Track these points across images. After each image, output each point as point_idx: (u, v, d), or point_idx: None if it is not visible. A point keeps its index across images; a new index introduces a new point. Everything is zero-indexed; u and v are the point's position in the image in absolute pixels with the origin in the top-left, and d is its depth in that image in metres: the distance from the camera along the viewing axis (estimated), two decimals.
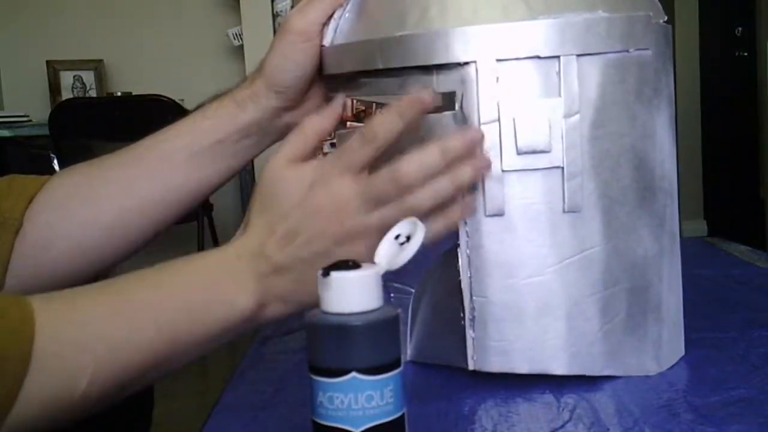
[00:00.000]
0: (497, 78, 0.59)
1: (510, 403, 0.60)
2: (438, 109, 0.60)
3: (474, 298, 0.61)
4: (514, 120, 0.59)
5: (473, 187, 0.59)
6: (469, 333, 0.61)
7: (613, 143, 0.61)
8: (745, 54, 4.20)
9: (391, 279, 0.66)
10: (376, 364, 0.43)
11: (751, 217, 4.11)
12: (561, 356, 0.61)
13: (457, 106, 0.60)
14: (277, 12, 3.24)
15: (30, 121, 3.20)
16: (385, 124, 0.55)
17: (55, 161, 3.03)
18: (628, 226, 0.62)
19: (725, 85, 4.15)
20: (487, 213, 0.60)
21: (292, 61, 0.67)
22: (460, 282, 0.62)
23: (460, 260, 0.61)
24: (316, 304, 0.47)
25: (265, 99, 0.69)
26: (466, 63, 0.59)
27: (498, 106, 0.59)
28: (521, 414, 0.58)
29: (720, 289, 0.88)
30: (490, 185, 0.59)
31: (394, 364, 0.44)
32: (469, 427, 0.56)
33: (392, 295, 0.67)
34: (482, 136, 0.58)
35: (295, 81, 0.68)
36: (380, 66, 0.62)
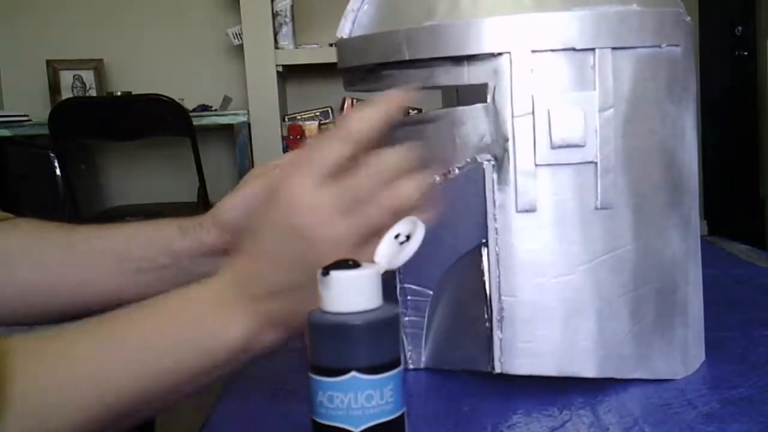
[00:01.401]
0: (532, 70, 0.58)
1: (510, 402, 0.60)
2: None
3: (503, 297, 0.59)
4: (548, 113, 0.57)
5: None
6: (497, 334, 0.60)
7: (645, 140, 0.60)
8: (745, 53, 4.20)
9: (408, 281, 0.65)
10: (376, 364, 0.43)
11: (751, 216, 4.11)
12: (591, 358, 0.60)
13: (489, 98, 0.58)
14: (276, 11, 3.23)
15: (30, 120, 3.20)
16: (360, 120, 0.51)
17: (55, 161, 3.03)
18: (657, 225, 0.61)
19: (725, 85, 4.15)
20: (519, 209, 0.58)
21: (254, 202, 0.63)
22: (484, 282, 0.60)
23: (488, 258, 0.60)
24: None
25: (206, 233, 0.66)
26: (500, 54, 0.58)
27: (532, 98, 0.58)
28: (521, 413, 0.58)
29: (720, 288, 0.87)
30: (522, 180, 0.58)
31: (393, 364, 0.44)
32: (469, 426, 0.56)
33: (409, 297, 0.66)
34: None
35: (242, 223, 0.63)
36: (406, 57, 0.60)
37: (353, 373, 0.42)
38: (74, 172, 3.08)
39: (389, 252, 0.47)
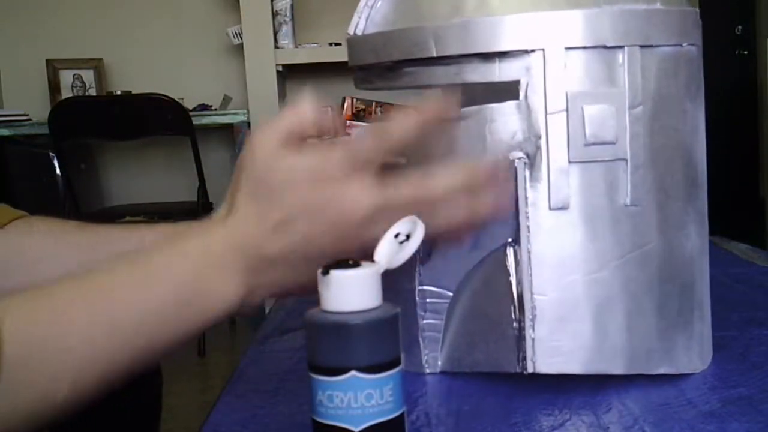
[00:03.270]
0: (565, 66, 0.57)
1: (510, 401, 0.60)
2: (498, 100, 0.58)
3: (534, 296, 0.59)
4: (582, 110, 0.57)
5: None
6: (529, 333, 0.59)
7: (668, 137, 0.60)
8: (745, 52, 4.21)
9: (428, 283, 0.64)
10: (376, 363, 0.43)
11: (751, 215, 4.11)
12: (620, 355, 0.60)
13: (521, 96, 0.58)
14: (276, 11, 3.24)
15: (30, 119, 3.20)
16: (401, 124, 0.52)
17: (55, 160, 3.03)
18: (679, 222, 0.62)
19: (725, 84, 4.15)
20: (552, 206, 0.58)
21: None
22: (510, 282, 0.60)
23: (515, 257, 0.60)
24: (301, 292, 0.52)
25: None
26: (533, 50, 0.57)
27: (566, 95, 0.57)
28: (521, 413, 0.58)
29: (720, 287, 0.87)
30: (555, 177, 0.58)
31: (393, 363, 0.44)
32: (469, 426, 0.56)
33: (428, 300, 0.65)
34: (507, 166, 0.57)
35: None
36: (434, 54, 0.59)
37: (353, 373, 0.42)
38: (74, 171, 3.08)
39: (389, 251, 0.47)
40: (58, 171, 3.03)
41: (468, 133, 0.60)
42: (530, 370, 0.59)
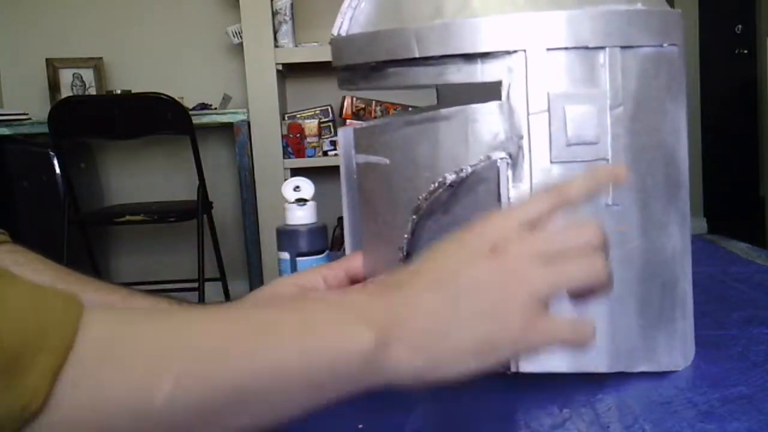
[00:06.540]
0: (546, 67, 0.58)
1: (509, 400, 0.60)
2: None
3: None
4: (564, 110, 0.58)
5: None
6: None
7: (650, 137, 0.61)
8: (745, 51, 4.21)
9: None
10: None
11: (751, 214, 4.12)
12: (603, 353, 0.61)
13: (503, 96, 0.58)
14: (276, 10, 3.23)
15: (29, 119, 3.20)
16: (578, 187, 0.50)
17: (55, 159, 3.03)
18: (661, 221, 0.62)
19: (725, 83, 4.15)
20: None
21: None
22: None
23: None
24: (454, 368, 0.45)
25: None
26: (515, 51, 0.58)
27: (548, 96, 0.58)
28: (521, 412, 0.58)
29: (720, 286, 0.87)
30: (537, 177, 0.58)
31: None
32: (469, 426, 0.56)
33: None
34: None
35: None
36: (416, 54, 0.60)
37: (327, 252, 0.77)
38: (74, 170, 3.08)
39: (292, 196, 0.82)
40: (57, 170, 3.03)
41: (450, 133, 0.60)
42: (513, 369, 0.60)
